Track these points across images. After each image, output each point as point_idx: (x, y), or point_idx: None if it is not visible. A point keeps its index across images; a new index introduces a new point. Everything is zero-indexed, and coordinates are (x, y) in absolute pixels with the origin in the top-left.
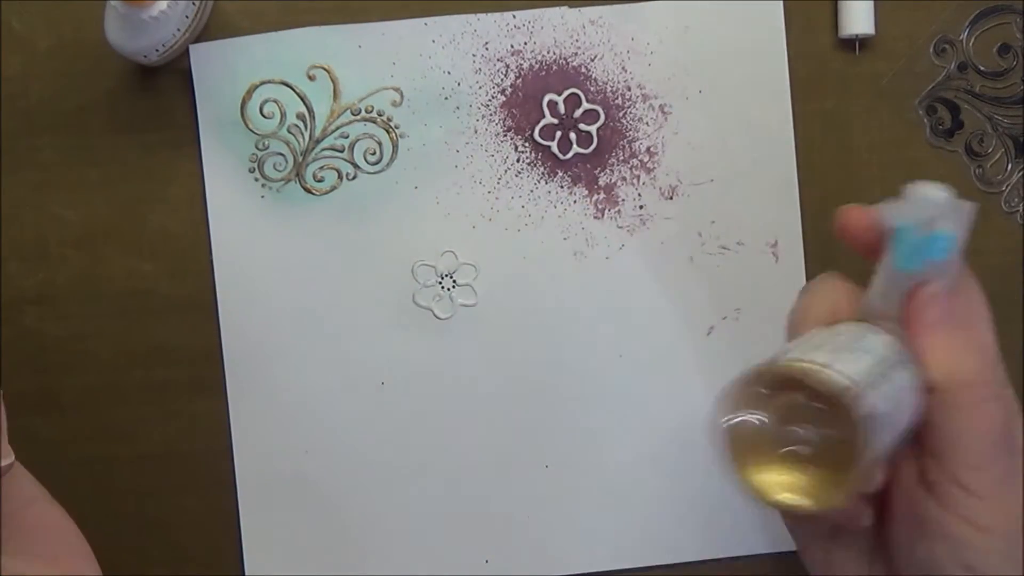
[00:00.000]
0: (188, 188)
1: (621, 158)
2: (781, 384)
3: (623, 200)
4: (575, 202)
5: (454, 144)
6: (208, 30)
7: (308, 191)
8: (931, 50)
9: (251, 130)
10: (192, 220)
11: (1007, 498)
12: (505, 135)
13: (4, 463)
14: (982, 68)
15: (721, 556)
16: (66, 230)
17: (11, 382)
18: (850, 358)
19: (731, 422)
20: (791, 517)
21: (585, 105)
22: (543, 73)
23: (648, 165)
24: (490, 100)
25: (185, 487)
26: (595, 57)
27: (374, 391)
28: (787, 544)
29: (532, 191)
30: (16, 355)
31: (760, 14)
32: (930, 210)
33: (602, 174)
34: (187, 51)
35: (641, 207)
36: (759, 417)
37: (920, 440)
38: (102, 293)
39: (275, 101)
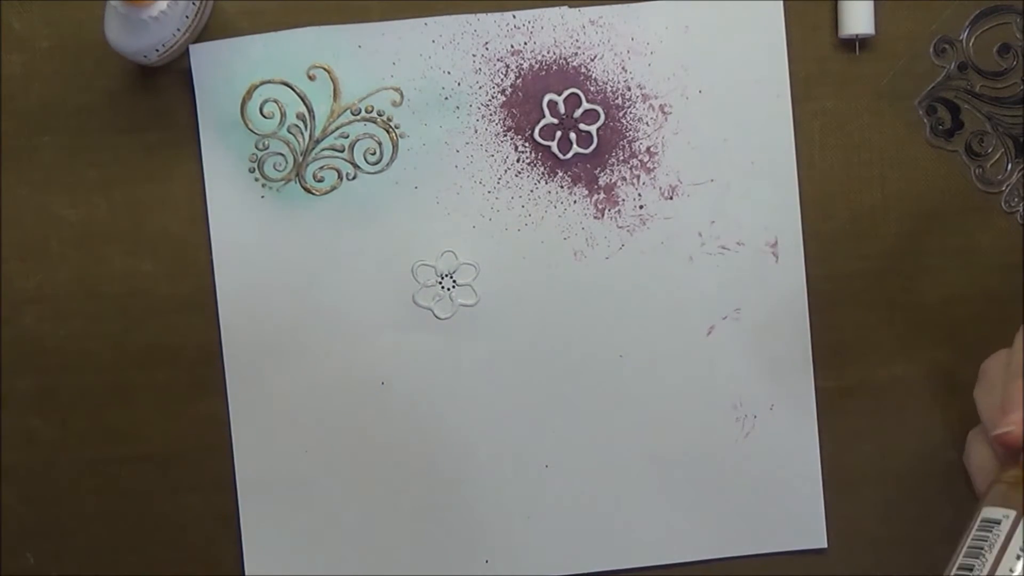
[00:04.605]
0: (188, 188)
1: (621, 158)
2: None
3: (623, 200)
4: (575, 202)
5: (454, 144)
6: (208, 30)
7: (308, 191)
8: (931, 50)
9: (251, 130)
10: (192, 220)
11: None
12: (505, 135)
13: None
14: (982, 68)
15: (721, 556)
16: (66, 230)
17: (11, 382)
18: None
19: None
20: None
21: (585, 105)
22: (543, 73)
23: (648, 165)
24: (490, 100)
25: (185, 487)
26: (595, 57)
27: (374, 391)
28: (785, 544)
29: (532, 191)
30: (16, 355)
31: (760, 14)
32: None
33: (602, 174)
34: (187, 51)
35: (641, 207)
36: None
37: None
38: (102, 293)
39: (275, 101)
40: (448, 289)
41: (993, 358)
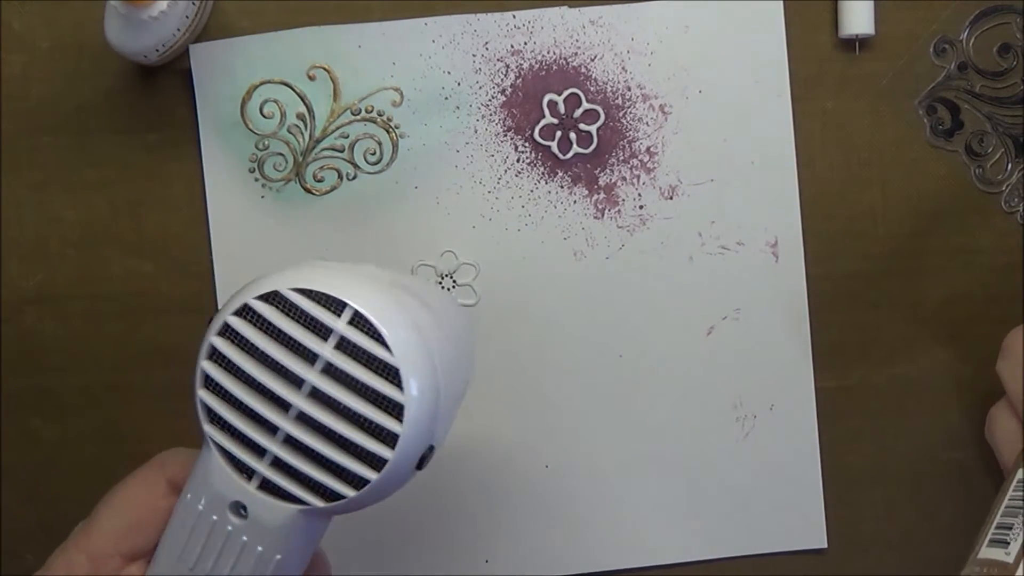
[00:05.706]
0: (188, 188)
1: (621, 158)
2: None
3: (623, 200)
4: (575, 202)
5: (454, 144)
6: (208, 30)
7: (308, 191)
8: (931, 50)
9: (251, 130)
10: (192, 220)
11: None
12: (505, 135)
13: None
14: (982, 68)
15: (721, 556)
16: (66, 230)
17: (11, 382)
18: None
19: None
20: None
21: (585, 105)
22: (543, 73)
23: (648, 165)
24: (490, 100)
25: None
26: (595, 57)
27: None
28: (786, 544)
29: (532, 191)
30: (16, 355)
31: (760, 14)
32: None
33: (602, 174)
34: (187, 51)
35: (641, 207)
36: None
37: None
38: (102, 293)
39: (275, 101)
40: (448, 289)
41: (1017, 331)
